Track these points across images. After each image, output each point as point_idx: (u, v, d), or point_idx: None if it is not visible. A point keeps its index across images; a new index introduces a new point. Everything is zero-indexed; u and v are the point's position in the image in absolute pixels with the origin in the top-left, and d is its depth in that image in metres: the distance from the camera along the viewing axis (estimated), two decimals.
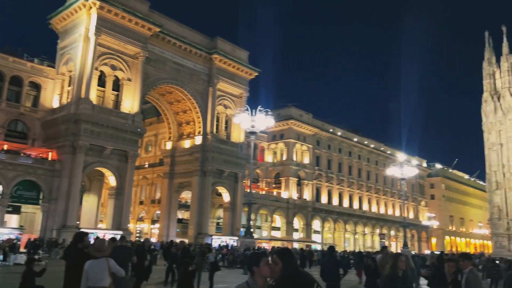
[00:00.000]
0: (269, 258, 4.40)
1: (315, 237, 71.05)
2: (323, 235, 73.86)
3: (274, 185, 71.39)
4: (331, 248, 12.98)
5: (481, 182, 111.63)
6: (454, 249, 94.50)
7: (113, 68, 43.94)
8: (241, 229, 51.37)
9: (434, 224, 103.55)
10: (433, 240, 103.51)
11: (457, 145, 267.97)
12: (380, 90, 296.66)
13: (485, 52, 62.19)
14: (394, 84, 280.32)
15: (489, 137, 59.59)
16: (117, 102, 44.26)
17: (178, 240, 30.59)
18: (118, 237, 14.13)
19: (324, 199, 74.90)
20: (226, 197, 54.76)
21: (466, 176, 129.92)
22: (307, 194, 71.66)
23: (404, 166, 49.73)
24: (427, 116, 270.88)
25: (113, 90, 44.16)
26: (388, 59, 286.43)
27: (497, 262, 29.43)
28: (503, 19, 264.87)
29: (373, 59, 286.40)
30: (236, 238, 48.45)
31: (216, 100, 53.98)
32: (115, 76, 44.28)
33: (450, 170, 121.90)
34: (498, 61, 61.07)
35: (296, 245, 58.55)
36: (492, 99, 59.82)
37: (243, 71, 57.32)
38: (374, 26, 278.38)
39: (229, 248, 40.82)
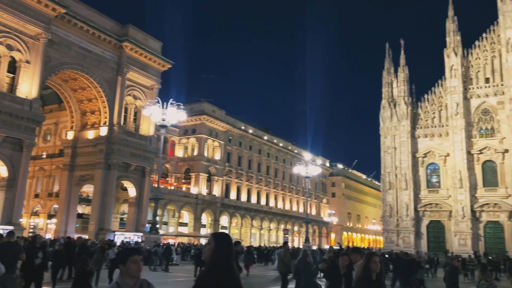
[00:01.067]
0: (139, 256, 3.93)
1: None
2: (230, 231, 74.64)
3: (183, 181, 70.46)
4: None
5: (377, 182, 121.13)
6: (350, 244, 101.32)
7: (10, 48, 39.90)
8: (147, 225, 50.01)
9: (334, 220, 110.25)
10: (332, 236, 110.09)
11: (357, 147, 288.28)
12: (289, 92, 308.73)
13: (385, 62, 67.60)
14: (301, 86, 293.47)
15: (385, 141, 64.76)
16: (13, 86, 40.29)
17: (76, 236, 28.88)
18: (6, 232, 12.99)
19: (233, 195, 75.67)
20: (132, 191, 52.78)
21: (364, 176, 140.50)
22: (217, 190, 71.84)
23: (309, 165, 52.04)
24: (331, 119, 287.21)
25: (8, 72, 40.07)
26: (296, 63, 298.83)
27: (387, 256, 32.11)
28: (403, 32, 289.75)
29: (282, 62, 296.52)
30: (141, 234, 46.89)
31: (125, 90, 51.67)
32: (12, 57, 40.26)
33: (350, 170, 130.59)
34: (396, 71, 66.65)
35: (203, 241, 58.40)
36: (389, 106, 65.08)
37: (155, 62, 55.55)
38: (282, 31, 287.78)
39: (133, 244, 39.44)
